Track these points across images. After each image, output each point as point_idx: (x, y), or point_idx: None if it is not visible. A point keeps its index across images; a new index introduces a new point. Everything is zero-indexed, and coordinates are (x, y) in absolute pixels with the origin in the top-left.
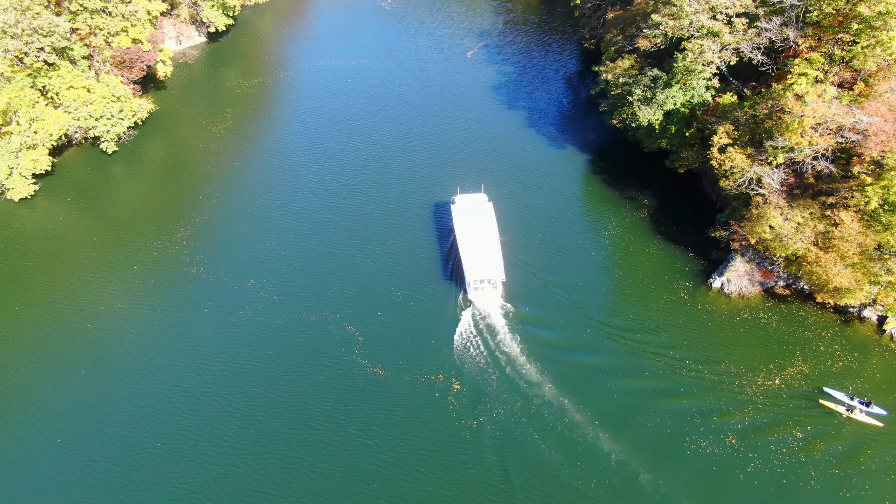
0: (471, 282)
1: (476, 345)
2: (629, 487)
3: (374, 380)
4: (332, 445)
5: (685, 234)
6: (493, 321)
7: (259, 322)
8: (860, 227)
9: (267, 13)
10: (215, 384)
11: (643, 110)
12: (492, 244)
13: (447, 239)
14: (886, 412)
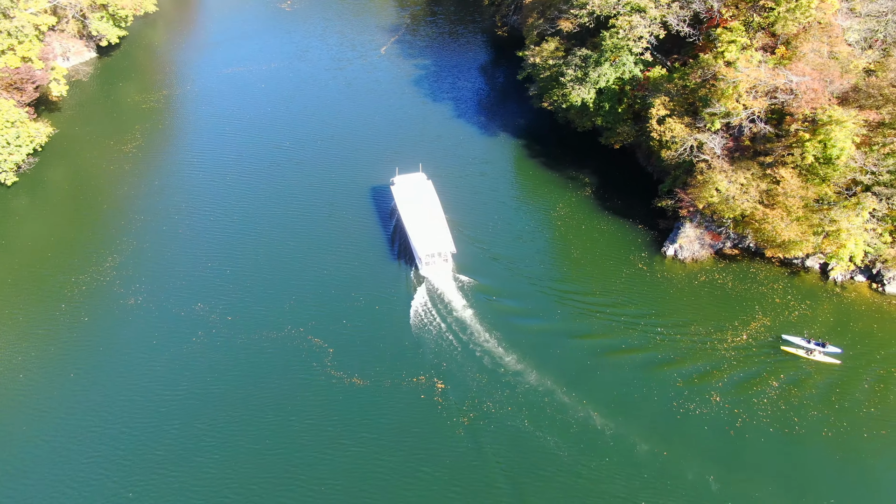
0: (422, 257)
1: (437, 325)
2: (630, 460)
3: (354, 390)
4: (325, 460)
5: (630, 207)
6: (451, 297)
7: (217, 346)
8: (800, 182)
9: (158, 23)
10: (184, 415)
11: (577, 90)
12: (437, 219)
13: (390, 223)
14: (841, 350)
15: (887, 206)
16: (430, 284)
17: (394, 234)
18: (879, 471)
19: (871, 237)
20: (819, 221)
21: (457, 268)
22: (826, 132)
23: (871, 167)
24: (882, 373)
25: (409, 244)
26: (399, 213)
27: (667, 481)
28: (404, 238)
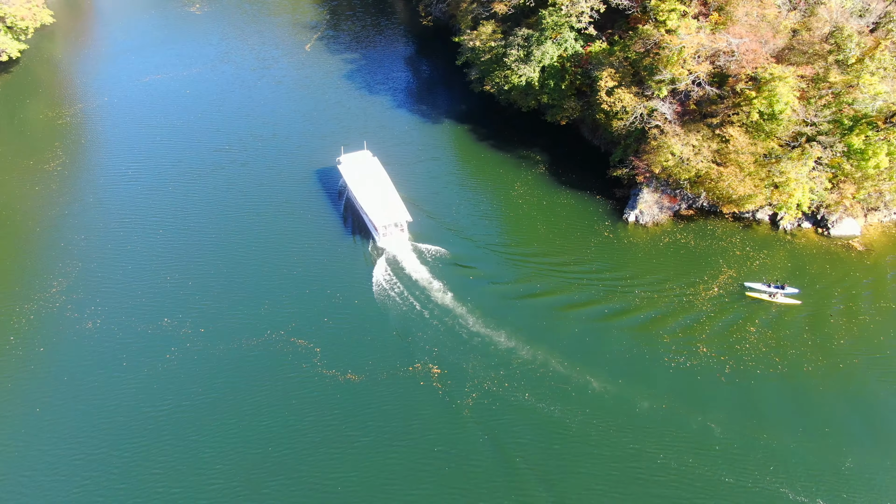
0: (379, 228)
1: (414, 307)
2: (634, 419)
3: (351, 386)
4: (336, 457)
5: (585, 180)
6: (416, 270)
7: (196, 359)
8: (748, 140)
9: (56, 35)
10: (176, 430)
11: (523, 69)
12: (389, 191)
13: (340, 202)
14: (798, 290)
15: (829, 155)
16: (390, 255)
17: (346, 212)
18: (863, 394)
19: (816, 185)
20: (769, 174)
21: (415, 237)
22: (770, 89)
23: (811, 119)
24: (842, 307)
25: (362, 219)
26: (349, 190)
27: (673, 433)
28: (357, 214)
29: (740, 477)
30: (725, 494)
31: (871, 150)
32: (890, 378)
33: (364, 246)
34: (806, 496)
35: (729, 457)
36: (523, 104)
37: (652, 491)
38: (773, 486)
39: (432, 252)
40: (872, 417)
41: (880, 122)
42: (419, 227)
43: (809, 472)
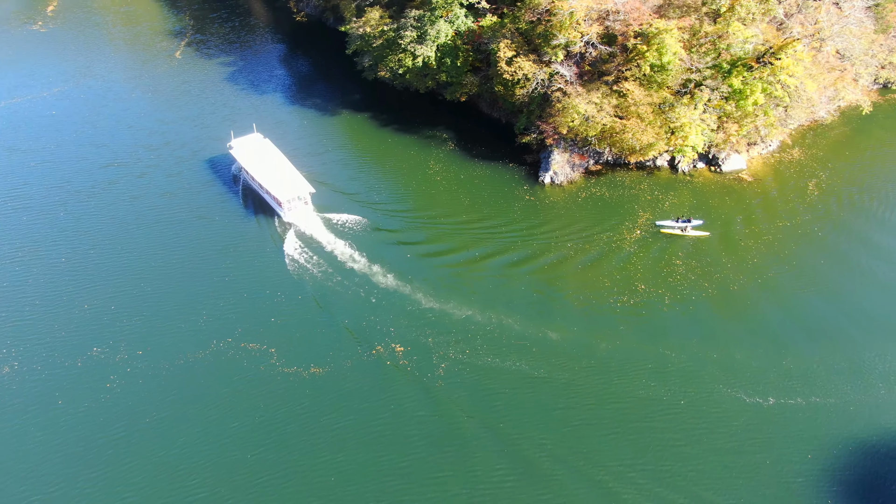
0: (283, 203)
1: (358, 287)
2: (598, 361)
3: (317, 380)
4: (321, 451)
5: (495, 151)
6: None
7: (140, 382)
8: (643, 92)
9: None
10: (140, 453)
11: (420, 49)
12: (286, 167)
13: (237, 187)
14: (703, 221)
15: (716, 97)
16: (299, 229)
17: (245, 195)
18: (784, 302)
19: (706, 127)
20: (666, 121)
21: (344, 226)
22: (658, 42)
23: (696, 66)
24: (746, 231)
25: (263, 199)
26: (246, 172)
27: (634, 365)
28: (256, 195)
29: (700, 391)
30: (690, 408)
31: (748, 90)
32: (802, 284)
33: (265, 220)
34: (759, 397)
35: (686, 376)
36: (420, 86)
37: (627, 420)
38: (730, 394)
39: (368, 234)
40: (797, 320)
41: (753, 63)
42: (346, 218)
43: (757, 377)
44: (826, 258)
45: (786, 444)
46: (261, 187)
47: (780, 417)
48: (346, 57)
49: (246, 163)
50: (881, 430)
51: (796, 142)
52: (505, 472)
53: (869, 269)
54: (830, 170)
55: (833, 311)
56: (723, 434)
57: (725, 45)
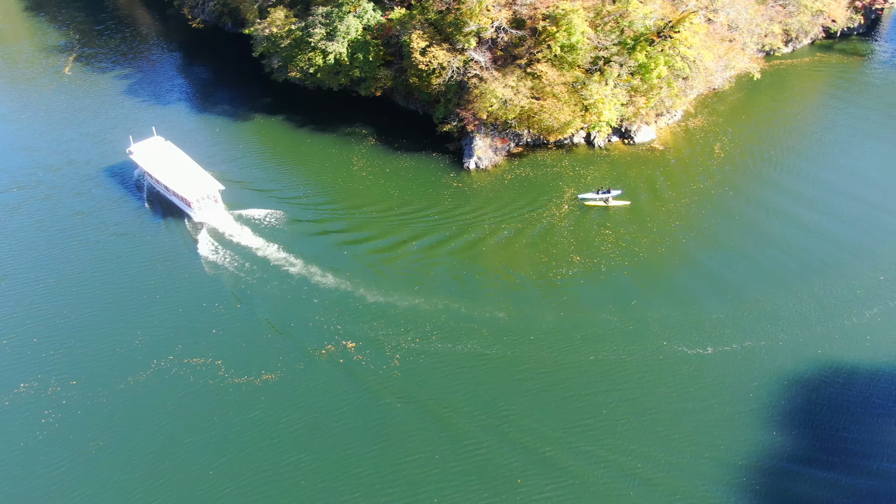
0: (192, 203)
1: (290, 288)
2: (544, 334)
3: (271, 386)
4: (283, 449)
5: (416, 142)
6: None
7: (79, 413)
8: (556, 72)
9: None
10: (90, 479)
11: (331, 46)
12: (191, 167)
13: (142, 194)
14: (621, 190)
15: (624, 73)
16: (222, 231)
17: (151, 200)
18: (706, 260)
19: (617, 103)
20: (580, 99)
21: (275, 230)
22: (567, 22)
23: (603, 43)
24: (666, 196)
25: (170, 201)
26: (150, 176)
27: (581, 333)
28: (164, 198)
29: (644, 349)
30: (637, 366)
31: (652, 63)
32: (723, 238)
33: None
34: (699, 348)
35: (630, 337)
36: (333, 84)
37: (581, 384)
38: (672, 349)
39: (302, 237)
40: (723, 273)
41: (655, 38)
42: (276, 221)
43: (695, 330)
44: (740, 213)
45: (728, 387)
46: (167, 190)
47: (721, 364)
48: (253, 60)
49: (149, 167)
50: (807, 362)
51: (698, 110)
52: (472, 448)
53: (776, 218)
54: (731, 133)
55: (748, 261)
56: (670, 385)
57: (628, 23)
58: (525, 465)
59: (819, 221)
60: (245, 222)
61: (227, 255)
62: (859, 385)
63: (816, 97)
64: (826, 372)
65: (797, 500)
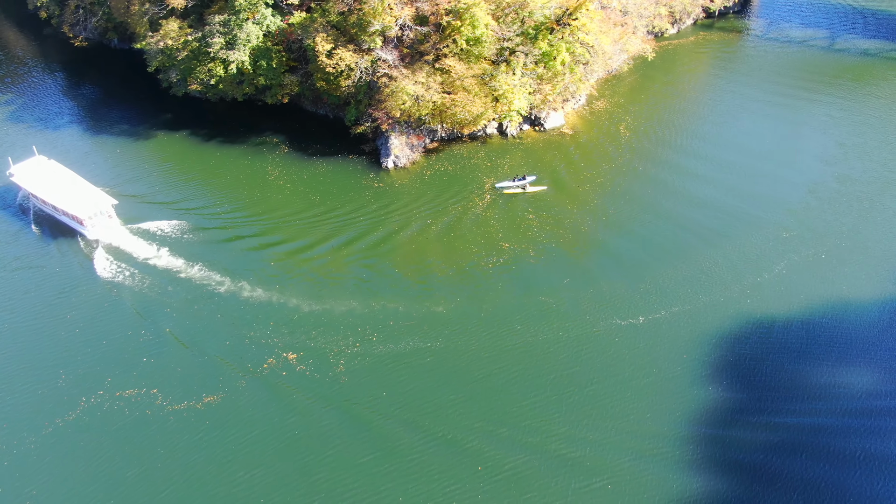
0: (84, 220)
1: (217, 309)
2: (484, 323)
3: (215, 409)
4: (240, 468)
5: (331, 147)
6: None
7: (6, 465)
8: (464, 66)
9: None
10: None
11: (232, 55)
12: (79, 183)
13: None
14: (535, 176)
15: (530, 62)
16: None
17: (40, 222)
18: (631, 236)
19: (525, 92)
20: (490, 90)
21: (191, 250)
22: (470, 15)
23: (506, 35)
24: (581, 178)
25: (61, 222)
26: (35, 198)
27: (520, 319)
28: (54, 219)
29: (581, 326)
30: (576, 342)
31: (554, 51)
32: (638, 213)
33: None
34: (631, 318)
35: (566, 316)
36: (237, 93)
37: (524, 366)
38: (608, 321)
39: (227, 253)
40: (642, 245)
41: (555, 26)
42: (197, 240)
43: (625, 302)
44: (651, 187)
45: (662, 351)
46: (56, 210)
47: (652, 331)
48: (148, 75)
49: (33, 187)
50: (729, 319)
51: (601, 93)
52: (428, 441)
53: (682, 188)
54: (633, 112)
55: (667, 230)
56: (608, 356)
57: (528, 13)
58: (483, 450)
59: (720, 196)
60: (159, 241)
61: (146, 279)
62: (777, 333)
63: (704, 73)
64: (747, 325)
65: (736, 444)
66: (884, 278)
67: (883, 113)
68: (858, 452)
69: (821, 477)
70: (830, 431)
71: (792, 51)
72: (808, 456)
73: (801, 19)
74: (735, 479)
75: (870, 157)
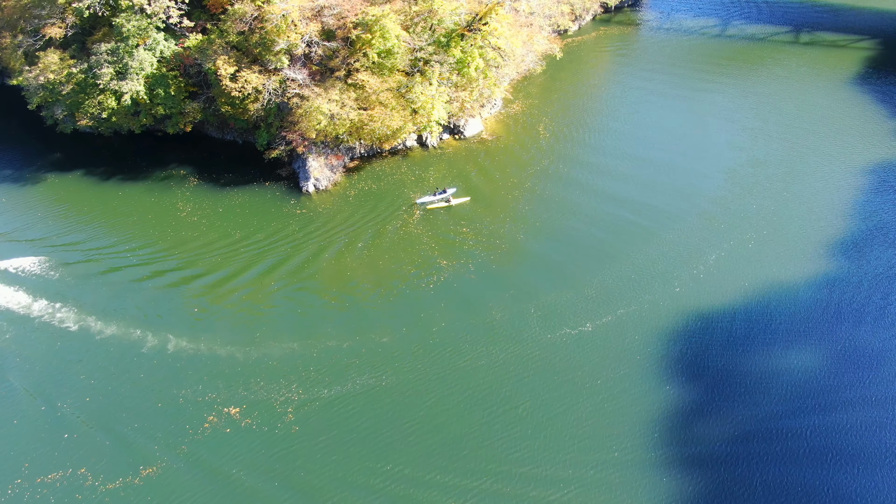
0: None
1: (149, 378)
2: (432, 348)
3: (156, 482)
4: None
5: (244, 175)
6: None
7: None
8: (378, 80)
9: None
10: None
11: (126, 86)
12: None
13: None
14: (455, 188)
15: (445, 71)
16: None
17: None
18: (565, 239)
19: (443, 101)
20: (408, 103)
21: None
22: (380, 28)
23: (418, 45)
24: (508, 184)
25: None
26: None
27: (469, 340)
28: None
29: (533, 338)
30: (528, 354)
31: (468, 57)
32: (570, 215)
33: None
34: (580, 326)
35: (515, 329)
36: (134, 126)
37: (478, 388)
38: (557, 331)
39: (145, 302)
40: (579, 248)
41: (466, 32)
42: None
43: (571, 311)
44: (575, 189)
45: (614, 356)
46: None
47: (602, 336)
48: (29, 113)
49: None
50: (673, 314)
51: (515, 96)
52: (392, 481)
53: (605, 187)
54: (548, 113)
55: (598, 232)
56: (562, 367)
57: (437, 21)
58: (448, 483)
59: (641, 190)
60: (56, 291)
61: (54, 343)
62: (722, 324)
63: (609, 68)
64: (692, 320)
65: (697, 440)
66: (807, 258)
67: (778, 94)
68: (816, 443)
69: (785, 469)
70: (784, 416)
71: (688, 40)
72: (766, 446)
73: (693, 10)
74: (700, 474)
75: (775, 139)
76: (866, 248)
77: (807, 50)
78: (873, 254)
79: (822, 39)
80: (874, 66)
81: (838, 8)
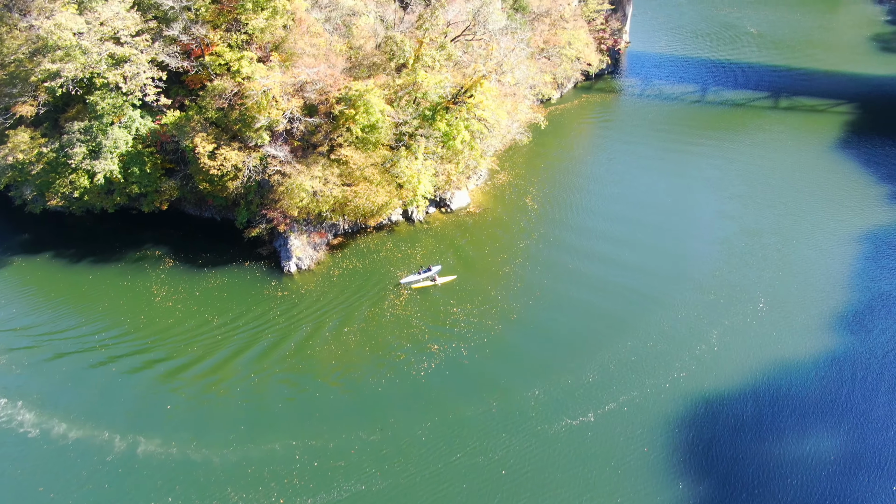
0: None
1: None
2: (431, 440)
3: None
4: None
5: (222, 255)
6: None
7: None
8: (363, 155)
9: None
10: None
11: (99, 165)
12: None
13: None
14: (440, 266)
15: (432, 144)
16: None
17: None
18: (563, 316)
19: (429, 175)
20: (393, 178)
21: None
22: (364, 103)
23: (403, 119)
24: (498, 260)
25: None
26: None
27: (469, 429)
28: None
29: (531, 430)
30: (529, 448)
31: (454, 130)
32: (568, 292)
33: None
34: (581, 416)
35: (514, 420)
36: (107, 205)
37: (476, 486)
38: (558, 423)
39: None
40: (579, 330)
41: (451, 105)
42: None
43: (571, 399)
44: (576, 260)
45: (620, 446)
46: None
47: (605, 426)
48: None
49: None
50: (679, 399)
51: (501, 166)
52: None
53: (602, 265)
54: (535, 183)
55: (597, 314)
56: (564, 458)
57: (422, 94)
58: None
59: (638, 260)
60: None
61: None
62: (731, 408)
63: (593, 134)
64: (699, 405)
65: None
66: (810, 334)
67: (763, 160)
68: None
69: None
70: None
71: (668, 106)
72: None
73: (671, 76)
74: None
75: (764, 207)
76: (869, 320)
77: (787, 115)
78: (877, 327)
79: (802, 104)
80: (854, 130)
81: (813, 73)
